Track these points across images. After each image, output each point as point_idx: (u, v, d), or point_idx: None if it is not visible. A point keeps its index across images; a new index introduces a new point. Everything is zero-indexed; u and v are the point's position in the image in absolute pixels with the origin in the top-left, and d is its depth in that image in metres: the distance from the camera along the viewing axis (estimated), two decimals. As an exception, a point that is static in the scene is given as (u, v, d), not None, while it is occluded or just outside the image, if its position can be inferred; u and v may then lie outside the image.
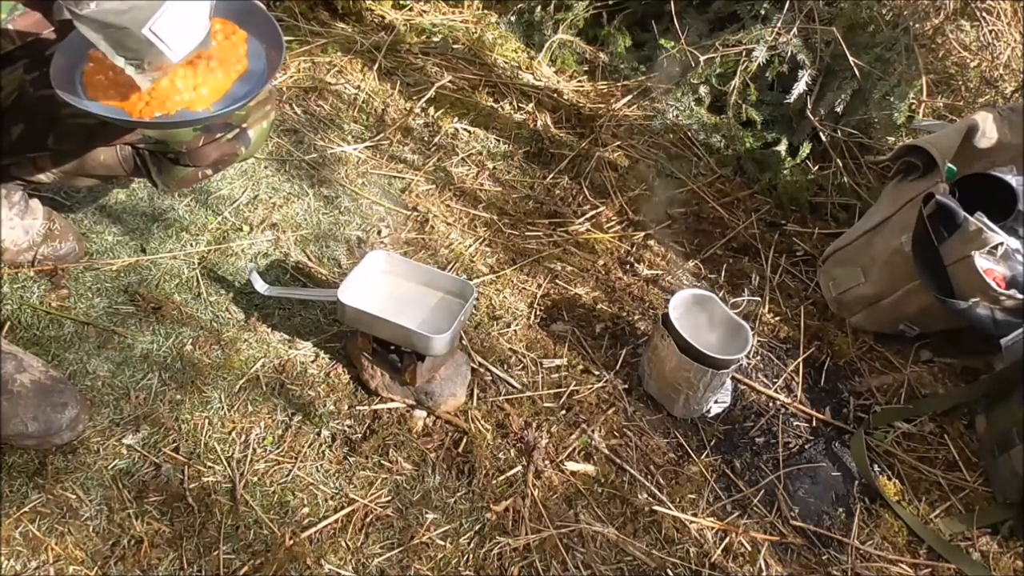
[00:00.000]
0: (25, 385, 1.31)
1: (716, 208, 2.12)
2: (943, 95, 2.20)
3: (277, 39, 1.27)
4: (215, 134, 1.34)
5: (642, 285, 1.87)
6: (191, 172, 1.37)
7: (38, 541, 1.25)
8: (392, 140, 2.10)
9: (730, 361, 1.51)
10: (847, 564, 1.44)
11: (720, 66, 2.23)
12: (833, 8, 2.22)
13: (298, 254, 1.75)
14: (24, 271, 1.57)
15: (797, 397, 1.71)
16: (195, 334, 1.55)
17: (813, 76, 2.12)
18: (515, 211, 1.99)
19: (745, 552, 1.43)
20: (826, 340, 1.83)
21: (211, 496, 1.34)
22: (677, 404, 1.59)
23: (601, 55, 2.51)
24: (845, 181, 2.15)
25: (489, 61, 2.42)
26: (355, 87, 2.21)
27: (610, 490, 1.48)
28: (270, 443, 1.43)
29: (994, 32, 2.21)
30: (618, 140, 2.25)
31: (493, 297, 1.76)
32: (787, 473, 1.57)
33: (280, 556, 1.29)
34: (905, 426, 1.67)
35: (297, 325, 1.62)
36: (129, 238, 1.69)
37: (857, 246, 1.86)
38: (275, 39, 1.28)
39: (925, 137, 1.83)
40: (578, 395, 1.61)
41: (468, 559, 1.34)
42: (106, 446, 1.37)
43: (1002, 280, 1.61)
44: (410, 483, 1.42)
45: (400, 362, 1.48)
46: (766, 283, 1.93)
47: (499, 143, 2.17)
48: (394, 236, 1.84)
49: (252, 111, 1.37)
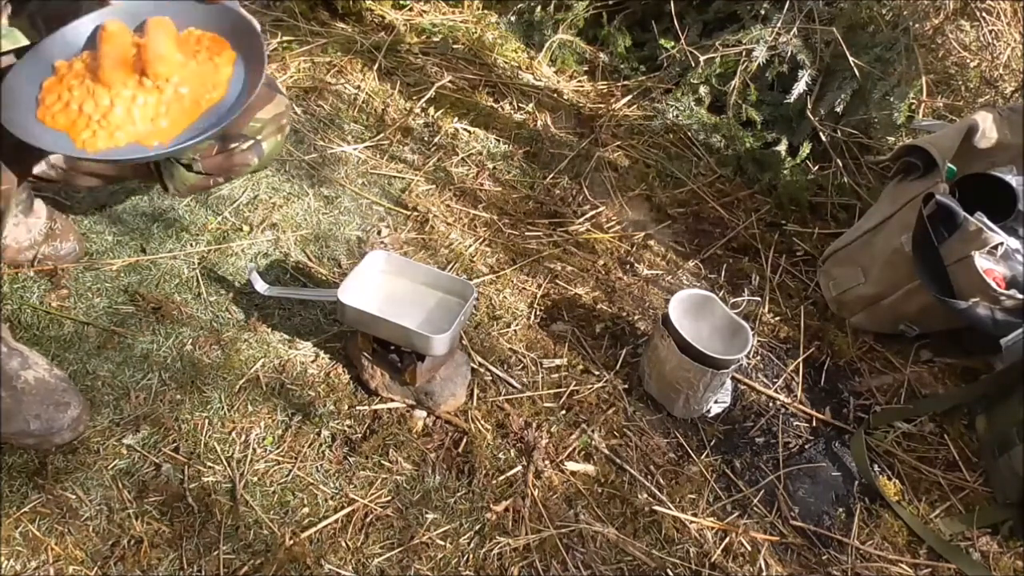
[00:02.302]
0: (29, 382, 1.31)
1: (716, 208, 2.12)
2: (943, 95, 2.20)
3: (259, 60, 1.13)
4: (229, 144, 1.34)
5: (642, 285, 1.87)
6: (202, 179, 1.38)
7: (38, 541, 1.25)
8: (392, 140, 2.10)
9: (730, 361, 1.51)
10: (847, 564, 1.44)
11: (720, 66, 2.23)
12: (833, 8, 2.22)
13: (298, 254, 1.75)
14: (24, 271, 1.57)
15: (797, 397, 1.71)
16: (195, 334, 1.55)
17: (813, 76, 2.12)
18: (515, 211, 1.99)
19: (745, 552, 1.43)
20: (826, 340, 1.83)
21: (211, 496, 1.34)
22: (677, 404, 1.59)
23: (601, 55, 2.51)
24: (845, 181, 2.15)
25: (489, 61, 2.42)
26: (355, 87, 2.21)
27: (610, 490, 1.48)
28: (270, 443, 1.43)
29: (994, 32, 2.21)
30: (618, 140, 2.25)
31: (493, 297, 1.76)
32: (787, 473, 1.57)
33: (280, 556, 1.29)
34: (905, 426, 1.67)
35: (297, 325, 1.62)
36: (129, 238, 1.69)
37: (857, 246, 1.86)
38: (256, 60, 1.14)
39: (925, 137, 1.83)
40: (578, 395, 1.61)
41: (468, 559, 1.34)
42: (106, 446, 1.37)
43: (1002, 280, 1.61)
44: (410, 483, 1.42)
45: (400, 362, 1.48)
46: (766, 283, 1.93)
47: (499, 143, 2.17)
48: (394, 236, 1.84)
49: (267, 124, 1.36)
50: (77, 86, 1.12)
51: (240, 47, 1.18)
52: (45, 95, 1.12)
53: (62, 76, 1.13)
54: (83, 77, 1.13)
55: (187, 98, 1.11)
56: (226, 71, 1.15)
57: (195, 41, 1.18)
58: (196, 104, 1.12)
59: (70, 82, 1.12)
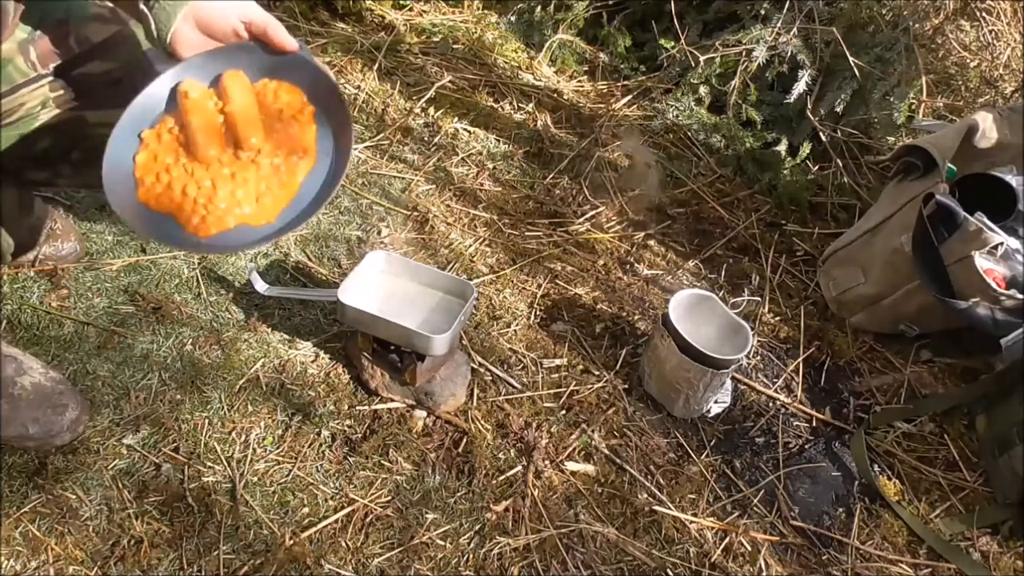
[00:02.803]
0: (26, 388, 1.31)
1: (716, 208, 2.12)
2: (943, 95, 2.20)
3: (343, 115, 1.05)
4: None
5: (642, 285, 1.87)
6: None
7: (38, 541, 1.25)
8: (392, 140, 2.10)
9: (730, 361, 1.51)
10: (847, 564, 1.44)
11: (720, 66, 2.23)
12: (833, 8, 2.22)
13: (298, 254, 1.75)
14: (24, 271, 1.57)
15: (797, 397, 1.71)
16: (195, 334, 1.55)
17: (813, 76, 2.12)
18: (515, 211, 1.99)
19: (745, 552, 1.43)
20: (826, 340, 1.83)
21: (211, 496, 1.34)
22: (677, 404, 1.59)
23: (601, 55, 2.52)
24: (845, 181, 2.15)
25: (489, 61, 2.42)
26: (355, 87, 2.21)
27: (610, 490, 1.48)
28: (270, 443, 1.43)
29: (994, 32, 2.21)
30: (618, 140, 2.25)
31: (493, 297, 1.76)
32: (787, 473, 1.57)
33: (280, 556, 1.29)
34: (905, 426, 1.67)
35: (297, 325, 1.62)
36: (129, 238, 1.69)
37: (857, 246, 1.86)
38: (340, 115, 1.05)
39: (925, 137, 1.83)
40: (578, 395, 1.61)
41: (468, 559, 1.34)
42: (106, 446, 1.37)
43: (1002, 280, 1.61)
44: (410, 483, 1.42)
45: (400, 362, 1.48)
46: (766, 283, 1.93)
47: (499, 143, 2.17)
48: (394, 236, 1.84)
49: None
50: (173, 165, 1.04)
51: (317, 100, 1.09)
52: (143, 175, 1.04)
53: (154, 152, 1.05)
54: (176, 152, 1.05)
55: (283, 169, 1.06)
56: (311, 130, 1.08)
57: (272, 95, 1.09)
58: (292, 175, 1.06)
59: (164, 160, 1.05)
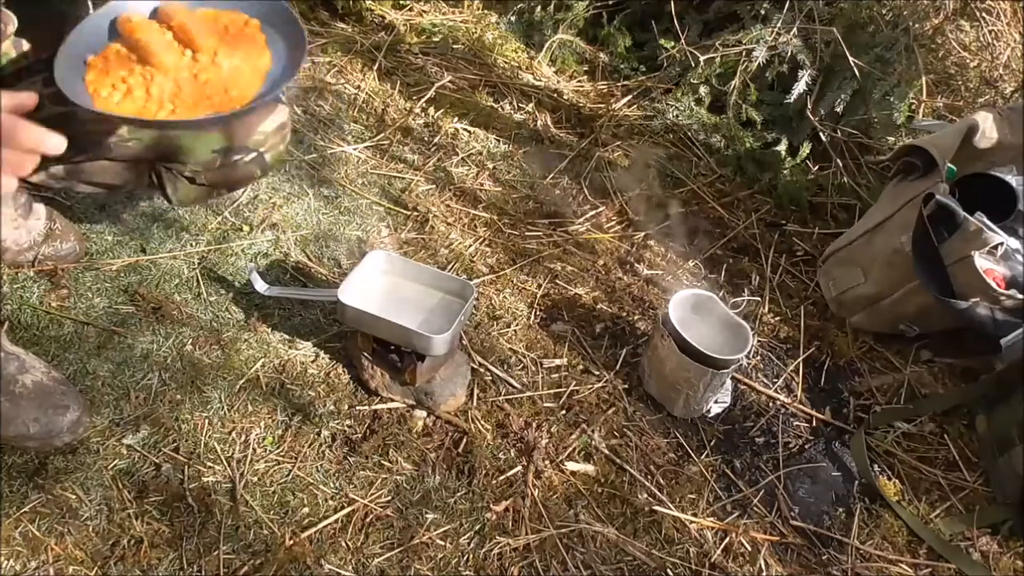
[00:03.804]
0: (27, 386, 1.31)
1: (716, 208, 2.12)
2: (943, 95, 2.20)
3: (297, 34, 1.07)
4: (232, 157, 1.33)
5: (642, 285, 1.87)
6: (204, 190, 1.38)
7: (38, 541, 1.25)
8: (392, 140, 2.10)
9: (730, 361, 1.51)
10: (847, 564, 1.44)
11: (720, 66, 2.23)
12: (833, 8, 2.22)
13: (298, 254, 1.75)
14: (24, 271, 1.57)
15: (797, 397, 1.71)
16: (195, 334, 1.55)
17: (813, 76, 2.12)
18: (515, 211, 1.99)
19: (745, 552, 1.43)
20: (826, 340, 1.83)
21: (211, 496, 1.34)
22: (677, 404, 1.59)
23: (601, 55, 2.51)
24: (845, 181, 2.15)
25: (489, 61, 2.42)
26: (355, 87, 2.21)
27: (610, 490, 1.48)
28: (270, 443, 1.43)
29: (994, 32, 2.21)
30: (618, 140, 2.25)
31: (493, 297, 1.76)
32: (787, 473, 1.57)
33: (280, 556, 1.29)
34: (905, 426, 1.67)
35: (297, 325, 1.62)
36: (129, 238, 1.69)
37: (857, 246, 1.86)
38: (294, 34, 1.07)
39: (925, 137, 1.83)
40: (578, 395, 1.61)
41: (468, 559, 1.34)
42: (106, 446, 1.37)
43: (1002, 280, 1.61)
44: (410, 483, 1.42)
45: (400, 362, 1.48)
46: (766, 283, 1.93)
47: (499, 143, 2.17)
48: (394, 236, 1.84)
49: (270, 136, 1.35)
50: (129, 75, 1.01)
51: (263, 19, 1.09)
52: (97, 88, 1.01)
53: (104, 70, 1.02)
54: (129, 67, 1.02)
55: (244, 69, 1.05)
56: (260, 37, 1.07)
57: (213, 18, 1.09)
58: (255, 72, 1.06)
59: (118, 74, 1.01)
